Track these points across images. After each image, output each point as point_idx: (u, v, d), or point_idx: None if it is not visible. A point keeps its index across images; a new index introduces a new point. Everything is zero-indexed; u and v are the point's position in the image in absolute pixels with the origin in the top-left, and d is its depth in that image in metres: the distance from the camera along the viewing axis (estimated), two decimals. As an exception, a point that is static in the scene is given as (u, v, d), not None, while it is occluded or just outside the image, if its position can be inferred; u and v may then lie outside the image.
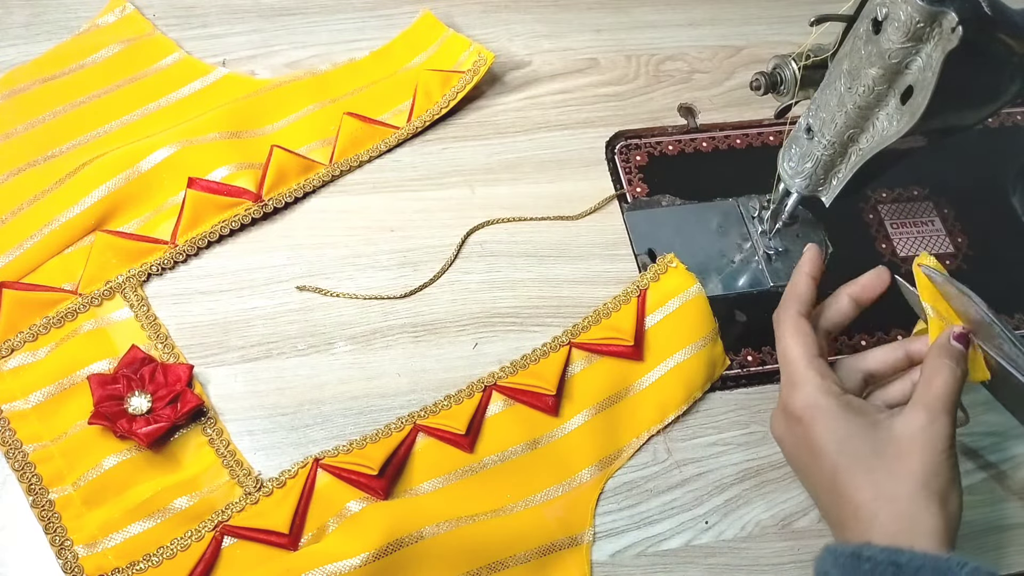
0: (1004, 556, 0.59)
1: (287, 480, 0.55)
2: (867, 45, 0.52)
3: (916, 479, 0.48)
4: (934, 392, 0.50)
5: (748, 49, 0.80)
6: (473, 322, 0.63)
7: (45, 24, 0.73)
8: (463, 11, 0.78)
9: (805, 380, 0.52)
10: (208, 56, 0.72)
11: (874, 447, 0.50)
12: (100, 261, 0.61)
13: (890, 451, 0.49)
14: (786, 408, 0.53)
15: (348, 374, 0.60)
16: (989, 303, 0.69)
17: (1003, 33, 0.51)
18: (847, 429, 0.50)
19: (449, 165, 0.70)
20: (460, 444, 0.57)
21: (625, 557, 0.56)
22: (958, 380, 0.51)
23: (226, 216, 0.64)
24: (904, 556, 0.45)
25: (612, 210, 0.69)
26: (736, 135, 0.74)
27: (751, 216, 0.69)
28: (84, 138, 0.67)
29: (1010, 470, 0.62)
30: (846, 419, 0.51)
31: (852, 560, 0.46)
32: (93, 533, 0.53)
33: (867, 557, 0.46)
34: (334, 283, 0.63)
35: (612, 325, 0.62)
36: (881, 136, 0.54)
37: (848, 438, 0.50)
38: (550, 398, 0.59)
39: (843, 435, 0.50)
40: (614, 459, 0.59)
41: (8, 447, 0.55)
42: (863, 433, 0.50)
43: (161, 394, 0.56)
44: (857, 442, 0.50)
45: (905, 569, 0.45)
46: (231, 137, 0.67)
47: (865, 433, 0.50)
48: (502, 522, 0.55)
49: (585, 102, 0.75)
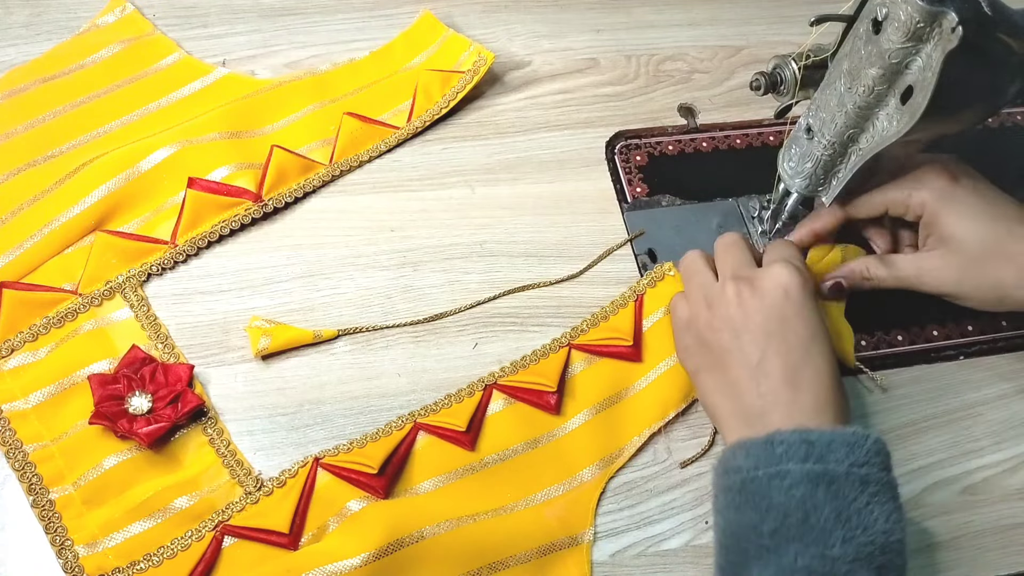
0: (1004, 556, 0.59)
1: (287, 480, 0.55)
2: (867, 45, 0.52)
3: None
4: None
5: (748, 49, 0.80)
6: (473, 322, 0.63)
7: (45, 24, 0.73)
8: (463, 11, 0.78)
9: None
10: (208, 56, 0.72)
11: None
12: (100, 261, 0.61)
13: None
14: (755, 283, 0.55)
15: (348, 374, 0.60)
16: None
17: (1003, 33, 0.51)
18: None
19: (449, 165, 0.70)
20: (461, 442, 0.57)
21: (625, 557, 0.56)
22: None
23: (226, 216, 0.64)
24: (814, 435, 0.48)
25: (612, 210, 0.69)
26: (736, 135, 0.74)
27: (751, 216, 0.69)
28: (84, 138, 0.67)
29: (1010, 470, 0.62)
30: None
31: (765, 447, 0.49)
32: (93, 533, 0.53)
33: (779, 441, 0.48)
34: (334, 283, 0.63)
35: (611, 326, 0.62)
36: (881, 136, 0.54)
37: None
38: (552, 396, 0.59)
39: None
40: (615, 458, 0.59)
41: (8, 447, 0.55)
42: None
43: (161, 394, 0.56)
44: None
45: (816, 445, 0.48)
46: (231, 137, 0.67)
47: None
48: (502, 521, 0.55)
49: (585, 102, 0.75)
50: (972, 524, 0.59)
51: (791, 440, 0.48)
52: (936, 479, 0.61)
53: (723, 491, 0.50)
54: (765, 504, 0.47)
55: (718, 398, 0.55)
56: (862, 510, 0.46)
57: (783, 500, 0.47)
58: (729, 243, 0.59)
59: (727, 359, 0.54)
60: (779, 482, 0.47)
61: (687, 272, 0.59)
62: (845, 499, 0.47)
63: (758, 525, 0.47)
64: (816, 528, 0.46)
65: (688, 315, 0.58)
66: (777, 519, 0.47)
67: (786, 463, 0.48)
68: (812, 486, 0.47)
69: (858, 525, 0.46)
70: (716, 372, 0.55)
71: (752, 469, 0.49)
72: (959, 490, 0.60)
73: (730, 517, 0.49)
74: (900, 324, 0.66)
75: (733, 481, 0.49)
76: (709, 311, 0.56)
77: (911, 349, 0.66)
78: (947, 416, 0.63)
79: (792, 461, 0.48)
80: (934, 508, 0.59)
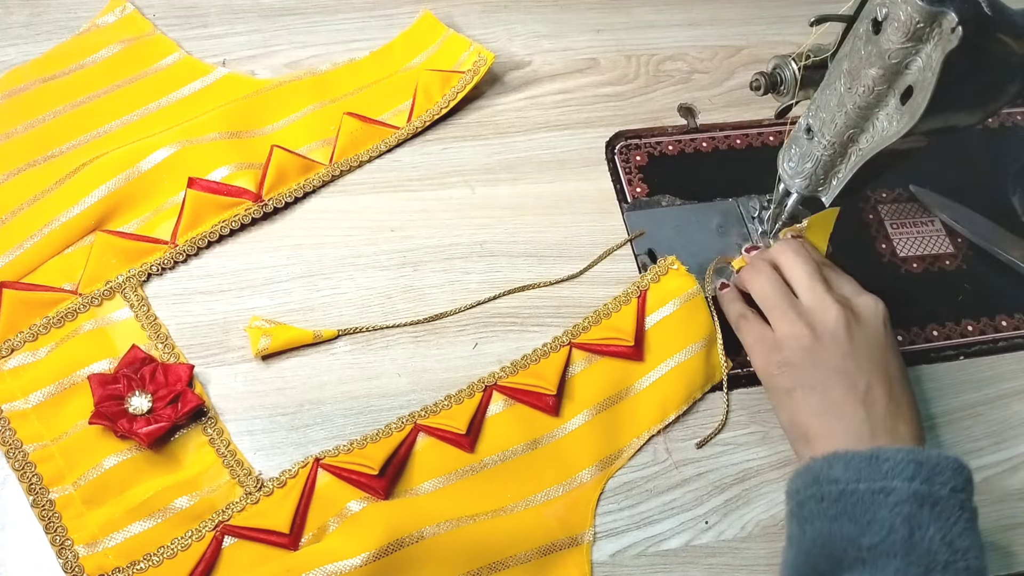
0: (1006, 556, 0.59)
1: (287, 480, 0.55)
2: (867, 45, 0.52)
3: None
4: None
5: (748, 49, 0.80)
6: (473, 322, 0.63)
7: (45, 24, 0.73)
8: (463, 11, 0.78)
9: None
10: (208, 56, 0.72)
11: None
12: (100, 261, 0.61)
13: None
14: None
15: (348, 374, 0.60)
16: (989, 304, 0.69)
17: (1003, 33, 0.51)
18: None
19: (449, 165, 0.70)
20: (460, 444, 0.57)
21: (625, 557, 0.56)
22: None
23: (226, 216, 0.64)
24: (922, 455, 0.49)
25: (612, 210, 0.69)
26: (736, 135, 0.74)
27: (751, 216, 0.69)
28: (84, 138, 0.67)
29: (1010, 470, 0.62)
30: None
31: (869, 461, 0.49)
32: (94, 533, 0.53)
33: (885, 458, 0.49)
34: (334, 283, 0.63)
35: (612, 325, 0.62)
36: (881, 136, 0.54)
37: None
38: (551, 398, 0.59)
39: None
40: (614, 459, 0.59)
41: (8, 447, 0.55)
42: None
43: (161, 394, 0.56)
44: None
45: (925, 465, 0.48)
46: (231, 137, 0.67)
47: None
48: (502, 522, 0.55)
49: (585, 102, 0.75)
50: (972, 524, 0.59)
51: (898, 458, 0.49)
52: (936, 479, 0.61)
53: (813, 500, 0.50)
54: (867, 518, 0.47)
55: (813, 418, 0.54)
56: (961, 535, 0.47)
57: (887, 516, 0.47)
58: (797, 251, 0.59)
59: (831, 382, 0.54)
60: (883, 498, 0.48)
61: (767, 290, 0.58)
62: (947, 522, 0.47)
63: (856, 538, 0.47)
64: (920, 548, 0.46)
65: (789, 332, 0.56)
66: (879, 534, 0.47)
67: (892, 480, 0.48)
68: (918, 505, 0.47)
69: (959, 549, 0.46)
70: (817, 393, 0.54)
71: (853, 482, 0.49)
72: (959, 490, 0.61)
73: (821, 526, 0.49)
74: (900, 324, 0.66)
75: (828, 491, 0.49)
76: (814, 333, 0.55)
77: (911, 349, 0.66)
78: (947, 416, 0.63)
79: (899, 479, 0.48)
80: (934, 508, 0.60)
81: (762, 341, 0.58)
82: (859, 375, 0.54)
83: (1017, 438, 0.63)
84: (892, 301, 0.62)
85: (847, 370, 0.54)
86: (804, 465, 0.52)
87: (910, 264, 0.70)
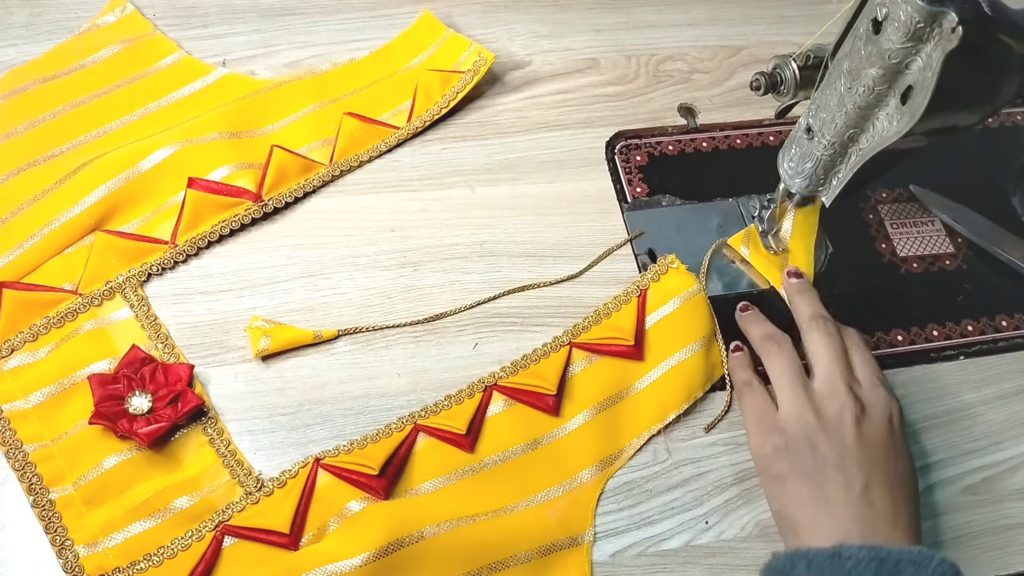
0: (1004, 556, 0.59)
1: (288, 480, 0.55)
2: (867, 45, 0.52)
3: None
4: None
5: (748, 49, 0.80)
6: (473, 322, 0.63)
7: (45, 24, 0.73)
8: (463, 11, 0.78)
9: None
10: (208, 56, 0.72)
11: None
12: (100, 261, 0.61)
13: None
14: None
15: (348, 374, 0.60)
16: (989, 304, 0.69)
17: (1003, 33, 0.50)
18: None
19: (449, 165, 0.70)
20: (461, 444, 0.57)
21: (625, 557, 0.56)
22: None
23: (226, 216, 0.64)
24: (883, 551, 0.48)
25: (612, 210, 0.69)
26: (736, 135, 0.74)
27: (751, 216, 0.69)
28: (84, 138, 0.67)
29: (1010, 470, 0.62)
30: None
31: (832, 560, 0.48)
32: (94, 533, 0.53)
33: (848, 556, 0.47)
34: (334, 283, 0.63)
35: (612, 325, 0.62)
36: (881, 136, 0.54)
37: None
38: (551, 398, 0.59)
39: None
40: (614, 459, 0.59)
41: (8, 447, 0.55)
42: None
43: (162, 394, 0.56)
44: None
45: (886, 563, 0.47)
46: (231, 137, 0.67)
47: None
48: (502, 522, 0.55)
49: (585, 102, 0.75)
50: (972, 524, 0.59)
51: (860, 556, 0.47)
52: (936, 479, 0.61)
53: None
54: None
55: (803, 512, 0.53)
56: None
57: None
58: (827, 330, 0.58)
59: (827, 476, 0.52)
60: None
61: (783, 369, 0.57)
62: None
63: None
64: None
65: (793, 414, 0.55)
66: None
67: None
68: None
69: None
70: (810, 485, 0.53)
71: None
72: (959, 490, 0.61)
73: None
74: (900, 324, 0.66)
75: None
76: (818, 420, 0.54)
77: (911, 349, 0.66)
78: (947, 416, 0.63)
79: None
80: (934, 508, 0.59)
81: (762, 421, 0.56)
82: (857, 472, 0.52)
83: (1017, 438, 0.63)
84: (892, 301, 0.63)
85: (845, 466, 0.52)
86: (767, 563, 0.51)
87: (910, 264, 0.70)
